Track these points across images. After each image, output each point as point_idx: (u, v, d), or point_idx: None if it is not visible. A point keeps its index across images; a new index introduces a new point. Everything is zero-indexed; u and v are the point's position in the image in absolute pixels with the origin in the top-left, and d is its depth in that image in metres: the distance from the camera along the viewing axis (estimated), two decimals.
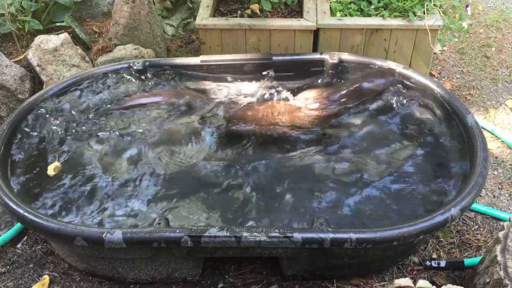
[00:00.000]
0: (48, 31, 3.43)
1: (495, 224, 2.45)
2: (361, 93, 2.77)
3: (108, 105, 2.76)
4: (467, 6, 3.09)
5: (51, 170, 2.40)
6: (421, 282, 1.74)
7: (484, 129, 2.94)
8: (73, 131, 2.61)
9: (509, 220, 2.19)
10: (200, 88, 2.91)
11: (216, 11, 3.35)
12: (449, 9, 3.29)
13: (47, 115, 2.61)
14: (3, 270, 2.24)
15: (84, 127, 2.64)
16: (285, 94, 2.81)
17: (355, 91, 2.77)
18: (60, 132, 2.58)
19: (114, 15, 3.26)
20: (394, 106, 2.74)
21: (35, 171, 2.38)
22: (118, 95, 2.82)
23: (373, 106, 2.76)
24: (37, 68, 3.00)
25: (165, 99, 2.81)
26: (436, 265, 2.22)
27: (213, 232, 1.89)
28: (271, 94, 2.85)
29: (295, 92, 2.81)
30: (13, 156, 2.38)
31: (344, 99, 2.75)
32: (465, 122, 2.36)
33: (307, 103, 2.72)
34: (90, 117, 2.70)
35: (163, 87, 2.89)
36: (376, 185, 2.34)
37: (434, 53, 3.31)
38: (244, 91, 2.89)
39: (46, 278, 2.19)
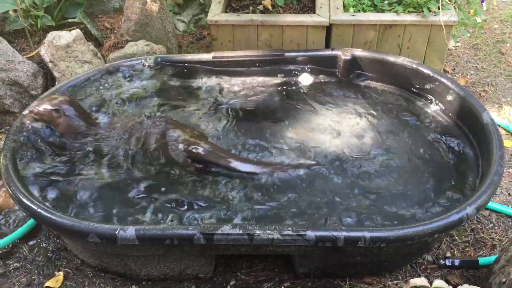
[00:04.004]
0: (60, 27, 3.44)
1: (510, 223, 2.41)
2: None
3: (119, 100, 2.76)
4: (482, 1, 3.05)
5: None
6: (437, 282, 1.72)
7: (499, 126, 2.90)
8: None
9: None
10: (212, 84, 2.90)
11: (228, 7, 3.34)
12: (464, 4, 3.23)
13: None
14: (16, 265, 2.26)
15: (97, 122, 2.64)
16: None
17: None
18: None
19: (126, 11, 3.26)
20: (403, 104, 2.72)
21: (46, 167, 2.37)
22: (130, 91, 2.82)
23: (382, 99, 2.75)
24: (50, 64, 3.01)
25: None
26: (450, 264, 2.20)
27: (226, 229, 1.89)
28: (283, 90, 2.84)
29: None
30: (25, 152, 2.38)
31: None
32: (480, 119, 2.33)
33: None
34: (103, 111, 2.69)
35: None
36: (386, 180, 2.32)
37: (448, 49, 3.26)
38: (256, 87, 2.87)
39: (60, 274, 2.20)
